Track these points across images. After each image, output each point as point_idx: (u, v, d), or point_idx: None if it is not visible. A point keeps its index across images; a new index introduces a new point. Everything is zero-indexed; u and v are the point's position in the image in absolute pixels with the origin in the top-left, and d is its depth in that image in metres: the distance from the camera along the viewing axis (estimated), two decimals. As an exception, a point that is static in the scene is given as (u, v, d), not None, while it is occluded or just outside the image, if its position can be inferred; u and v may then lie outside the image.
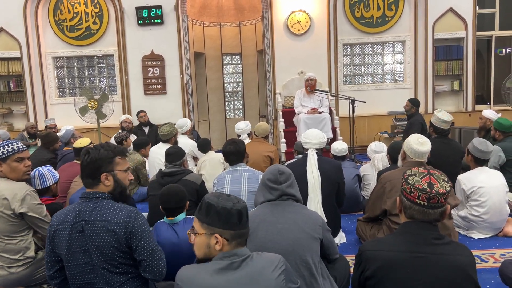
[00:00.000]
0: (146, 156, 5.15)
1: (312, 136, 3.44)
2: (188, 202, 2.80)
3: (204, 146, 4.90)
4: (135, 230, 1.91)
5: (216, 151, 4.88)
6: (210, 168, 4.56)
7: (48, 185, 3.19)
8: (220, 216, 1.56)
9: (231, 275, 1.52)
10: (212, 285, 1.51)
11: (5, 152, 2.61)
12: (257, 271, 1.55)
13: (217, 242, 1.56)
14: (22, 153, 2.68)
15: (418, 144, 3.00)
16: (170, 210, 2.70)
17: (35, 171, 3.18)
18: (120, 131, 6.71)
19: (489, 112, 5.34)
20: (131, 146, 5.32)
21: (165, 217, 2.75)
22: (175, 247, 2.60)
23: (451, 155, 4.11)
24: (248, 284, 1.52)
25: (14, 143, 2.68)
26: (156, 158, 4.93)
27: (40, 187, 3.13)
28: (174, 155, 3.58)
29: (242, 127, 5.42)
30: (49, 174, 3.21)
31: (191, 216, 2.80)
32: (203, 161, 4.67)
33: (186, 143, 5.21)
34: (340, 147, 4.54)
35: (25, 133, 7.22)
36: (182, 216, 2.73)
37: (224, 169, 4.39)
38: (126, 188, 2.07)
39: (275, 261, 1.61)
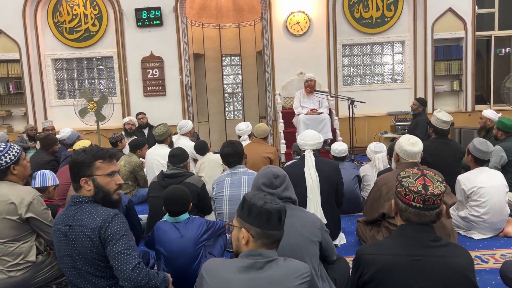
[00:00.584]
0: (143, 156, 5.14)
1: (308, 138, 3.41)
2: (191, 203, 2.83)
3: (201, 149, 4.86)
4: (107, 234, 1.89)
5: (215, 153, 4.87)
6: (209, 170, 4.55)
7: (47, 185, 3.23)
8: (250, 212, 1.59)
9: (253, 274, 1.53)
10: (233, 281, 1.53)
11: (16, 154, 2.64)
12: (279, 276, 1.53)
13: (243, 236, 1.58)
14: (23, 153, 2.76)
15: (410, 144, 2.99)
16: (173, 212, 2.75)
17: (38, 171, 3.26)
18: (116, 132, 6.72)
19: (490, 112, 5.33)
20: (127, 148, 5.31)
21: (167, 215, 2.79)
22: (178, 245, 2.63)
23: (450, 155, 4.10)
24: (266, 287, 1.51)
25: (11, 144, 2.71)
26: (154, 159, 4.92)
27: (39, 185, 3.18)
28: (179, 157, 3.57)
29: (243, 128, 5.41)
30: (50, 175, 3.29)
31: (194, 216, 2.82)
32: (202, 163, 4.65)
33: (188, 145, 5.18)
34: (339, 147, 4.54)
35: (24, 135, 7.21)
36: (185, 216, 2.77)
37: (224, 170, 4.38)
38: (110, 193, 2.03)
39: (301, 270, 1.58)
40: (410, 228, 1.69)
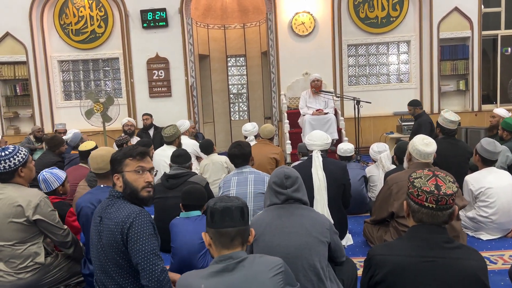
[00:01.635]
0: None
1: (316, 138, 3.42)
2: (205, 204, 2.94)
3: (206, 147, 4.85)
4: (132, 231, 1.89)
5: (220, 153, 4.87)
6: (213, 172, 4.55)
7: (54, 188, 3.21)
8: (207, 215, 1.64)
9: (226, 277, 1.54)
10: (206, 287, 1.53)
11: (24, 156, 2.66)
12: (253, 273, 1.56)
13: (207, 241, 1.64)
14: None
15: (424, 145, 2.97)
16: (188, 206, 2.91)
17: (40, 175, 3.20)
18: (122, 134, 6.73)
19: (502, 111, 5.26)
20: None
21: (181, 212, 2.95)
22: (185, 236, 2.73)
23: (458, 156, 4.08)
24: (243, 286, 1.53)
25: (19, 146, 2.73)
26: (161, 160, 4.92)
27: (46, 191, 3.15)
28: (184, 157, 3.63)
29: (249, 129, 5.41)
30: (52, 177, 3.20)
31: (204, 216, 2.86)
32: (206, 165, 4.66)
33: (188, 143, 5.23)
34: (345, 147, 4.54)
35: (31, 137, 7.25)
36: (197, 212, 2.89)
37: (229, 172, 4.38)
38: (137, 190, 2.04)
39: (273, 263, 1.61)
40: (423, 229, 1.67)
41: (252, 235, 1.68)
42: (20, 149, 2.69)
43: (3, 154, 2.59)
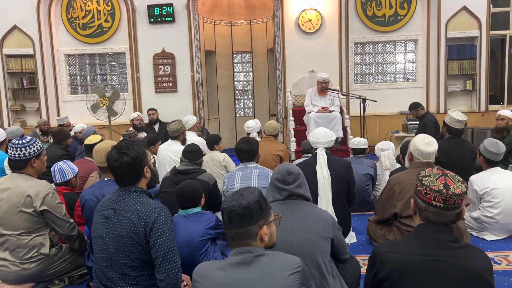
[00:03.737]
0: (155, 153, 5.17)
1: (320, 135, 3.41)
2: (203, 199, 2.89)
3: (210, 143, 4.73)
4: (156, 225, 1.92)
5: (224, 150, 4.82)
6: (211, 169, 4.48)
7: (68, 178, 3.33)
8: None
9: (243, 269, 1.55)
10: (225, 279, 1.55)
11: (39, 148, 2.72)
12: (270, 269, 1.56)
13: None
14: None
15: (424, 144, 2.97)
16: (183, 206, 2.82)
17: (55, 166, 3.32)
18: (131, 128, 6.75)
19: (509, 112, 5.11)
20: None
21: (179, 209, 2.86)
22: (185, 235, 2.69)
23: (464, 156, 4.06)
24: (259, 280, 1.53)
25: (34, 138, 2.78)
26: (166, 155, 4.93)
27: (60, 181, 3.28)
28: (197, 153, 3.60)
29: (252, 125, 5.40)
30: (68, 168, 3.36)
31: (205, 211, 2.86)
32: (206, 162, 4.56)
33: (195, 141, 5.18)
34: (358, 139, 4.62)
35: (37, 130, 7.29)
36: (195, 209, 2.83)
37: (227, 171, 4.37)
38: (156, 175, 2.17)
39: (291, 261, 1.60)
40: (429, 228, 1.66)
41: (270, 232, 1.67)
42: (37, 141, 2.75)
43: (20, 142, 2.66)
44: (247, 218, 1.59)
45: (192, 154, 3.59)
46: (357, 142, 4.58)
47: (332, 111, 6.72)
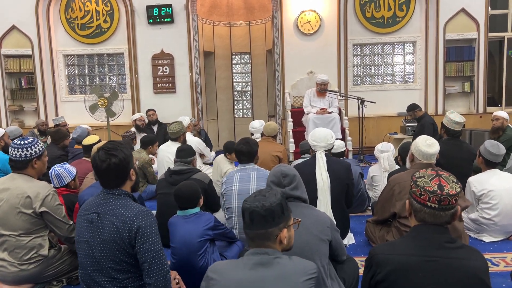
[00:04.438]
0: (153, 153, 5.18)
1: (319, 139, 3.36)
2: (202, 199, 2.89)
3: (225, 149, 4.59)
4: (141, 230, 1.89)
5: (221, 151, 4.80)
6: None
7: (66, 182, 3.28)
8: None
9: (260, 270, 1.55)
10: (241, 277, 1.55)
11: (41, 149, 2.73)
12: (286, 273, 1.55)
13: None
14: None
15: (426, 146, 2.97)
16: (182, 207, 2.82)
17: (52, 170, 3.27)
18: (132, 129, 6.76)
19: (504, 113, 5.21)
20: (138, 144, 5.35)
21: (178, 210, 2.86)
22: (184, 236, 2.69)
23: (462, 157, 4.07)
24: (274, 282, 1.53)
25: (36, 139, 2.78)
26: (165, 156, 4.93)
27: (58, 186, 3.24)
28: (186, 152, 3.61)
29: (257, 126, 5.40)
30: (65, 172, 3.30)
31: (204, 212, 2.86)
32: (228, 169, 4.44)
33: (192, 140, 5.22)
34: (337, 143, 4.50)
35: (35, 130, 7.28)
36: (194, 210, 2.82)
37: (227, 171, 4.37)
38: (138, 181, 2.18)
39: (307, 267, 1.60)
40: (425, 229, 1.67)
41: (289, 235, 1.67)
42: (39, 142, 2.76)
43: (22, 142, 2.67)
44: (269, 219, 1.59)
45: (181, 152, 3.61)
46: (336, 146, 4.48)
47: (330, 112, 6.73)
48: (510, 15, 8.15)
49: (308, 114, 6.82)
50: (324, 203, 3.14)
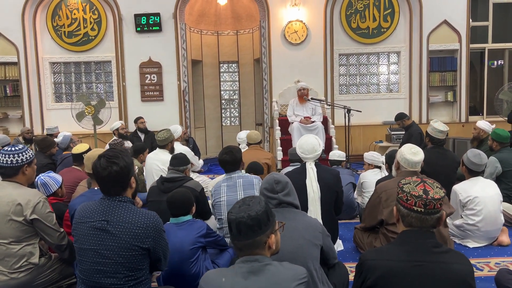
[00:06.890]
0: (143, 161, 5.16)
1: (308, 151, 3.32)
2: (194, 207, 2.90)
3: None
4: (157, 234, 2.04)
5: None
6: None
7: (53, 191, 3.28)
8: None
9: (251, 278, 1.57)
10: (233, 287, 1.57)
11: (31, 156, 2.74)
12: (278, 279, 1.58)
13: None
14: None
15: (411, 154, 3.06)
16: (175, 214, 2.84)
17: (38, 179, 3.24)
18: (115, 137, 6.71)
19: (484, 124, 5.39)
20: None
21: (170, 217, 2.87)
22: (175, 243, 2.69)
23: (446, 165, 4.17)
24: None
25: (26, 146, 2.79)
26: (153, 164, 4.93)
27: (46, 195, 3.19)
28: (179, 160, 3.61)
29: (242, 136, 5.47)
30: (51, 181, 3.29)
31: (196, 219, 2.88)
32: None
33: (182, 150, 5.21)
34: (337, 153, 4.84)
35: (20, 138, 7.20)
36: (186, 217, 2.84)
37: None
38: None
39: (298, 272, 1.63)
40: (412, 234, 1.73)
41: (276, 240, 1.69)
42: (29, 149, 2.76)
43: (12, 149, 2.68)
44: (256, 229, 1.60)
45: (174, 160, 3.61)
46: (338, 154, 4.81)
47: (313, 122, 6.83)
48: (491, 27, 8.39)
49: (292, 123, 6.92)
50: (315, 213, 3.16)
